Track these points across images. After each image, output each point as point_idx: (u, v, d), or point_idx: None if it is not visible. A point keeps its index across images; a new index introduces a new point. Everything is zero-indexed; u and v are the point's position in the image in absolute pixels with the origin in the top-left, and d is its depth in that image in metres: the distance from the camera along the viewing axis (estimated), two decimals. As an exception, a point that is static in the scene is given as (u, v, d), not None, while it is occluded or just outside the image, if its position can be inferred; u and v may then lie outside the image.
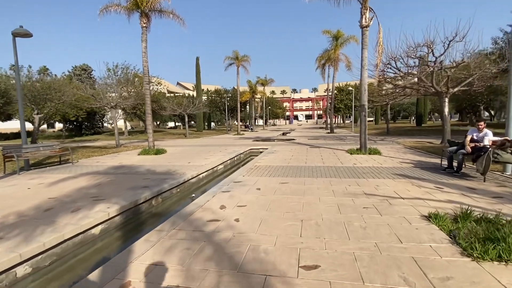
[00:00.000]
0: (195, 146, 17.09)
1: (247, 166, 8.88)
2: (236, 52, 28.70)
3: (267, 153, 12.48)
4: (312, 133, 29.28)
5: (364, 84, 11.28)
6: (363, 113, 11.38)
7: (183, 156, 12.07)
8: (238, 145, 17.25)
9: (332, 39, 26.79)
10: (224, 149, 14.56)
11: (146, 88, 13.45)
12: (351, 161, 9.53)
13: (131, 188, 6.30)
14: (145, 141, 22.83)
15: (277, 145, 16.09)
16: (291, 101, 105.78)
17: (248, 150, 14.98)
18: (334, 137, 22.54)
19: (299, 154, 11.67)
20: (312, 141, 18.41)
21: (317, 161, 9.73)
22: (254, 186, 6.14)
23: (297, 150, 13.42)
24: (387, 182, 6.26)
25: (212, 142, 20.63)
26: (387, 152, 11.65)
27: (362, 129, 11.42)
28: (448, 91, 13.39)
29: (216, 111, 43.34)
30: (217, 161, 10.26)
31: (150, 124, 13.57)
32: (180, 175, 7.82)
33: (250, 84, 37.54)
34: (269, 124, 74.08)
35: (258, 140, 22.09)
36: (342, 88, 39.91)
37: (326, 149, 13.56)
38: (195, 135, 29.73)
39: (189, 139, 24.46)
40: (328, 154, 11.59)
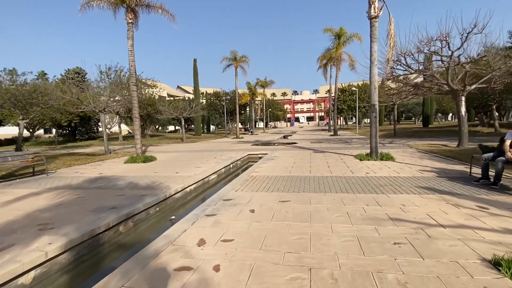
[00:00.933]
0: (190, 152, 15.89)
1: (242, 177, 7.65)
2: (234, 52, 27.59)
3: (266, 159, 11.25)
4: (314, 136, 28.03)
5: (374, 82, 10.06)
6: (374, 114, 10.15)
7: (173, 164, 10.86)
8: (236, 150, 16.03)
9: (334, 37, 25.63)
10: (220, 155, 13.35)
11: (133, 90, 12.29)
12: (362, 169, 8.28)
13: (95, 210, 5.08)
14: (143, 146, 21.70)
15: (278, 150, 14.87)
16: (292, 103, 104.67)
17: (245, 156, 13.76)
18: (338, 140, 21.28)
19: (302, 161, 10.44)
20: (315, 145, 17.17)
21: (323, 169, 8.49)
22: (247, 207, 4.91)
23: (300, 155, 12.18)
24: (413, 199, 5.01)
25: (209, 146, 19.43)
26: (400, 157, 10.39)
27: (373, 132, 10.17)
28: (465, 89, 12.15)
29: (215, 114, 42.20)
30: (209, 171, 9.04)
31: (138, 129, 12.39)
32: (162, 189, 6.61)
33: (249, 86, 36.36)
34: (270, 126, 72.89)
35: (258, 144, 20.87)
36: (345, 88, 38.70)
37: (331, 154, 12.31)
38: (193, 139, 28.56)
39: (185, 144, 23.28)
40: (335, 160, 10.35)
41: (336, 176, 7.39)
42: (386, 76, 13.73)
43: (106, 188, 7.04)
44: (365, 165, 8.93)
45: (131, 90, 12.40)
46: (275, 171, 8.50)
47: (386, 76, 13.83)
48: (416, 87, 14.02)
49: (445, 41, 11.18)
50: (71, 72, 33.39)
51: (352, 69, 26.33)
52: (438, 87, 13.04)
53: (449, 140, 16.87)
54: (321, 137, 25.90)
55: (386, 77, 13.88)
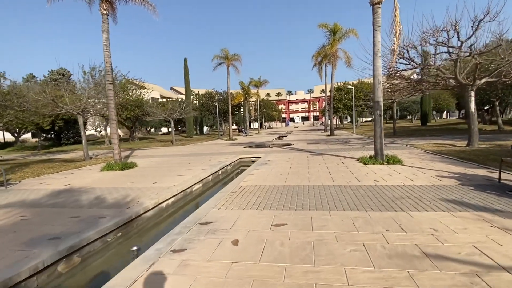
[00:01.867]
0: (176, 156, 14.63)
1: (229, 188, 6.45)
2: (225, 50, 26.35)
3: (259, 164, 10.08)
4: (310, 136, 26.95)
5: (377, 76, 8.96)
6: (378, 112, 9.04)
7: (154, 172, 9.62)
8: (227, 153, 14.83)
9: (330, 33, 24.60)
10: (208, 160, 12.13)
11: (109, 89, 11.01)
12: (369, 175, 7.15)
13: (29, 243, 3.85)
14: (125, 151, 20.37)
15: (272, 153, 13.70)
16: (286, 103, 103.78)
17: (237, 160, 12.56)
18: (335, 140, 20.21)
19: (299, 165, 9.29)
20: (312, 146, 16.05)
21: (324, 176, 7.34)
22: (229, 235, 3.72)
23: (296, 159, 11.04)
24: (445, 219, 3.88)
25: (199, 150, 18.19)
26: (408, 160, 9.30)
27: (378, 132, 9.07)
28: (475, 83, 11.14)
29: (208, 115, 40.89)
30: (192, 180, 7.82)
31: (115, 132, 11.10)
32: (130, 207, 5.39)
33: (242, 86, 35.13)
34: (265, 127, 71.79)
35: (251, 146, 19.68)
36: (341, 87, 37.75)
37: (331, 156, 11.19)
38: (184, 142, 27.26)
39: (174, 147, 21.98)
40: (336, 164, 9.22)
41: (340, 185, 6.24)
42: (387, 71, 12.66)
43: (64, 206, 5.79)
44: (371, 170, 7.81)
45: (106, 89, 11.11)
46: (269, 179, 7.32)
47: (388, 71, 12.77)
48: (420, 83, 12.98)
49: (454, 30, 10.14)
50: (55, 73, 31.76)
51: (348, 66, 25.37)
52: (445, 82, 12.02)
53: (453, 139, 15.90)
54: (318, 137, 24.83)
55: (388, 72, 12.81)
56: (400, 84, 13.74)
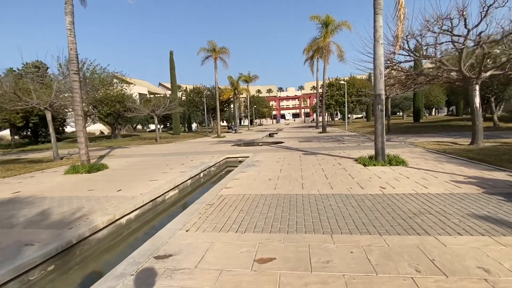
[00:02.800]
0: (156, 156, 13.33)
1: (206, 199, 5.29)
2: (212, 42, 24.92)
3: (246, 165, 8.94)
4: (302, 134, 25.96)
5: (379, 65, 7.92)
6: (379, 107, 8.01)
7: (124, 176, 8.35)
8: (213, 152, 13.62)
9: (322, 25, 23.53)
10: (190, 160, 10.91)
11: (74, 80, 9.61)
12: (372, 180, 6.11)
13: None
14: (103, 149, 18.87)
15: (261, 152, 12.58)
16: (277, 100, 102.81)
17: (222, 160, 11.39)
18: (328, 138, 19.24)
19: (291, 167, 8.19)
20: (304, 144, 15.00)
21: (320, 181, 6.26)
22: (190, 283, 2.57)
23: (287, 159, 9.94)
24: (491, 250, 2.83)
25: (183, 148, 16.89)
26: (412, 160, 8.33)
27: (379, 129, 8.05)
28: (480, 76, 10.27)
29: (196, 111, 39.36)
30: (165, 186, 6.61)
31: (82, 129, 9.73)
32: (75, 225, 4.18)
33: (231, 81, 33.74)
34: (255, 124, 70.65)
35: (240, 144, 18.52)
36: (333, 83, 36.85)
37: (325, 156, 10.15)
38: (169, 140, 25.83)
39: (157, 145, 20.58)
40: (332, 166, 8.16)
41: (341, 194, 5.16)
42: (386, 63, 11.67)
43: (-10, 225, 4.51)
44: (373, 174, 6.77)
45: (71, 80, 9.71)
46: (255, 185, 6.19)
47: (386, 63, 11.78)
48: (420, 76, 12.03)
49: (461, 16, 9.19)
50: (30, 66, 29.65)
51: (341, 60, 24.37)
52: (447, 75, 11.12)
53: (451, 136, 15.14)
54: (309, 134, 23.85)
55: (386, 64, 11.82)
56: (398, 77, 12.80)
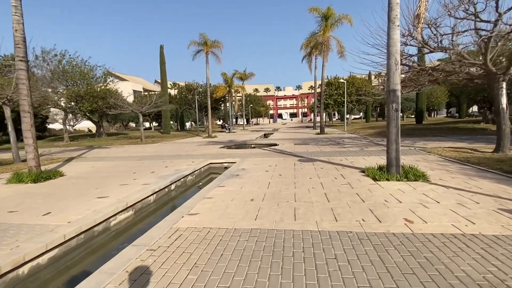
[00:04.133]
0: (130, 160, 11.60)
1: (151, 237, 3.60)
2: (203, 35, 23.15)
3: (227, 176, 7.27)
4: (298, 134, 24.33)
5: (394, 53, 6.29)
6: (394, 106, 6.37)
7: (70, 189, 6.64)
8: (196, 156, 11.93)
9: (321, 18, 21.89)
10: (165, 167, 9.21)
11: (21, 69, 7.86)
12: (389, 205, 4.46)
13: None
14: (78, 150, 17.07)
15: (251, 156, 10.91)
16: (274, 99, 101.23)
17: (203, 167, 9.71)
18: (327, 140, 17.62)
19: (282, 181, 6.54)
20: (300, 148, 13.36)
21: (319, 205, 4.61)
22: None
23: (279, 167, 8.29)
24: None
25: (166, 150, 15.17)
26: (433, 173, 6.70)
27: (393, 134, 6.41)
28: (508, 71, 8.68)
29: (188, 109, 37.54)
30: (110, 209, 4.90)
31: (29, 129, 7.97)
32: None
33: (225, 77, 31.96)
34: (251, 123, 68.95)
35: (230, 146, 16.85)
36: (331, 81, 35.24)
37: (325, 164, 8.51)
38: (156, 139, 24.05)
39: (140, 146, 18.82)
40: (334, 179, 6.51)
41: (350, 232, 3.51)
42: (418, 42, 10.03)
43: None
44: (388, 193, 5.13)
45: (17, 68, 7.95)
46: (230, 210, 4.53)
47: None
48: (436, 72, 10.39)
49: (492, -3, 7.58)
50: (8, 58, 27.72)
51: (341, 57, 22.74)
52: (468, 71, 9.53)
53: (464, 140, 13.58)
54: (306, 136, 22.22)
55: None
56: (411, 72, 11.17)
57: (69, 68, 21.67)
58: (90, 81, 22.65)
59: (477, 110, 59.83)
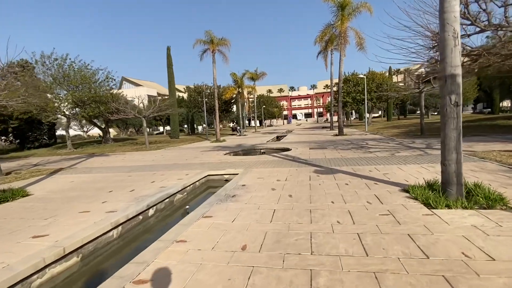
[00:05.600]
0: (119, 171, 10.13)
1: None
2: (209, 32, 21.67)
3: (220, 199, 5.53)
4: (314, 136, 22.30)
5: (451, 22, 4.34)
6: (454, 98, 4.39)
7: (12, 220, 5.12)
8: (195, 165, 10.31)
9: (337, 8, 19.84)
10: (151, 182, 7.60)
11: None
12: (475, 265, 2.54)
13: None
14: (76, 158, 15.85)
15: (257, 166, 9.15)
16: (288, 100, 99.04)
17: (199, 180, 8.04)
18: (347, 142, 15.55)
19: (293, 208, 4.71)
20: (317, 154, 11.45)
21: (353, 265, 2.75)
22: None
23: (290, 184, 6.46)
24: None
25: (165, 158, 13.67)
26: (509, 192, 4.65)
27: (452, 139, 4.41)
28: None
29: (198, 112, 36.32)
30: (32, 262, 3.28)
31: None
32: None
33: (235, 78, 30.40)
34: (265, 125, 67.20)
35: (238, 151, 15.18)
36: (349, 78, 32.84)
37: (350, 178, 6.59)
38: (162, 145, 22.80)
39: (141, 153, 17.49)
40: (367, 205, 4.61)
41: None
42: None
43: None
44: (461, 235, 3.19)
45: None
46: (202, 277, 2.76)
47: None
48: (493, 56, 8.17)
49: None
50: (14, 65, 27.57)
51: (360, 49, 20.47)
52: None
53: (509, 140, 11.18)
54: (323, 138, 20.17)
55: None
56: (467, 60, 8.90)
57: (70, 73, 20.76)
58: (93, 85, 21.68)
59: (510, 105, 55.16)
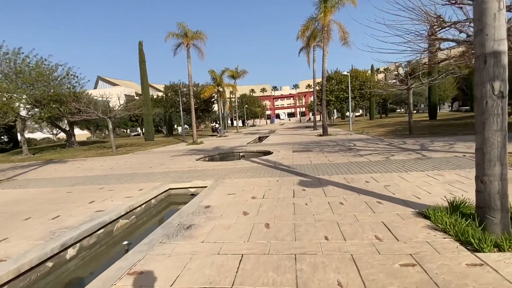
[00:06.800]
0: (60, 185, 8.26)
1: None
2: (182, 25, 19.84)
3: (167, 232, 3.93)
4: (298, 137, 21.01)
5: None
6: (496, 86, 3.03)
7: None
8: (157, 175, 8.60)
9: (319, 0, 18.63)
10: (89, 202, 5.87)
11: None
12: None
13: None
14: (32, 165, 13.55)
15: (231, 176, 7.60)
16: (271, 99, 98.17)
17: (158, 197, 6.37)
18: (334, 144, 14.30)
19: (270, 250, 3.20)
20: (301, 158, 10.05)
21: None
22: None
23: (268, 205, 4.96)
24: None
25: (125, 165, 11.81)
26: None
27: (494, 145, 3.04)
28: None
29: (176, 111, 34.20)
30: None
31: None
32: None
33: (213, 75, 28.59)
34: (247, 125, 65.69)
35: (213, 156, 13.57)
36: (332, 76, 31.95)
37: (345, 194, 5.18)
38: (132, 148, 20.70)
39: (104, 158, 15.45)
40: (378, 249, 3.17)
41: None
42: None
43: None
44: None
45: None
46: None
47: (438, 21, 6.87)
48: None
49: None
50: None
51: (344, 44, 19.40)
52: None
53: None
54: (307, 138, 18.90)
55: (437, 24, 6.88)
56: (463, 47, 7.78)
57: (24, 68, 18.26)
58: (52, 83, 19.25)
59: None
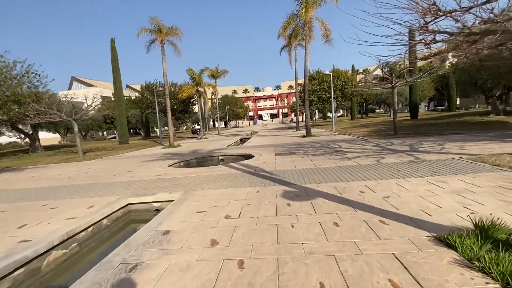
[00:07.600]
0: (4, 202, 6.86)
1: None
2: (155, 19, 18.46)
3: (107, 275, 2.85)
4: (281, 138, 20.18)
5: None
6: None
7: None
8: (122, 184, 7.38)
9: (301, -4, 17.91)
10: (21, 225, 4.64)
11: None
12: None
13: None
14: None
15: (204, 185, 6.55)
16: (254, 100, 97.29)
17: (111, 216, 5.21)
18: (318, 145, 13.54)
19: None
20: (285, 163, 9.15)
21: None
22: None
23: (245, 225, 3.99)
24: None
25: (87, 173, 10.44)
26: None
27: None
28: None
29: (152, 113, 32.48)
30: None
31: None
32: None
33: (192, 75, 27.24)
34: (229, 126, 64.40)
35: (189, 161, 12.41)
36: (314, 76, 31.54)
37: (336, 208, 4.29)
38: (102, 152, 19.04)
39: (68, 165, 13.85)
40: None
41: None
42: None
43: None
44: None
45: None
46: None
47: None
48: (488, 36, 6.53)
49: None
50: None
51: (326, 41, 18.82)
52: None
53: (496, 138, 9.95)
54: (290, 140, 18.10)
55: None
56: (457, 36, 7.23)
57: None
58: (9, 82, 17.25)
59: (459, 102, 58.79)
